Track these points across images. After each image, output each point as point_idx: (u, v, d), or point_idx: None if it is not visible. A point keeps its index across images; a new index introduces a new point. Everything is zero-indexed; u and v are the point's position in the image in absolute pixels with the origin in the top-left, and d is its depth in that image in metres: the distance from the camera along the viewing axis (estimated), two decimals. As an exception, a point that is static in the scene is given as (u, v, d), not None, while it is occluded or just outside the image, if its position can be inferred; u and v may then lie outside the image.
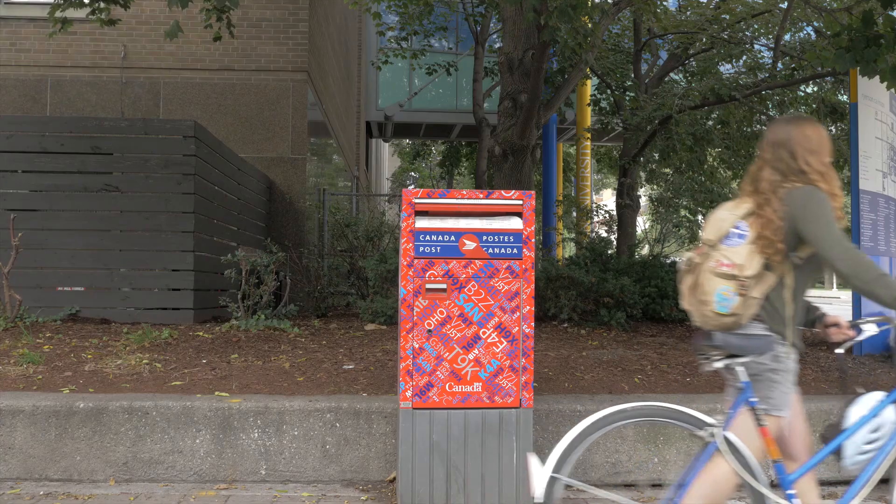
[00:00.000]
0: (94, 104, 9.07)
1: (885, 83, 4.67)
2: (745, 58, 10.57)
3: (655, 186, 12.78)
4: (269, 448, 3.69)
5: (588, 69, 10.00)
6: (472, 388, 3.25)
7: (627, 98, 10.32)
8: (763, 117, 10.91)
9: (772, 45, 9.84)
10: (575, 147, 16.69)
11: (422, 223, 3.30)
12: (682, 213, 10.38)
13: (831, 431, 2.44)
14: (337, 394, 3.99)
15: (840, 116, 10.42)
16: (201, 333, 5.62)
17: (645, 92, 10.10)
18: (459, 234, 3.28)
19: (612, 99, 11.86)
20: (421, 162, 28.51)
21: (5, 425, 3.64)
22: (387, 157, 28.77)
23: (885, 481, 3.95)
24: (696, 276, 2.47)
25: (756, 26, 10.76)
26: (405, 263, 3.27)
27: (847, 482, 3.91)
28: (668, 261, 8.17)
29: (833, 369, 5.04)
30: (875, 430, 2.41)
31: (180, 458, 3.66)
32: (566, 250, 13.95)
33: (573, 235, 9.31)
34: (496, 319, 3.27)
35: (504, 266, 3.28)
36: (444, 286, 3.26)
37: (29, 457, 3.63)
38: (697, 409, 3.82)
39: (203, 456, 3.66)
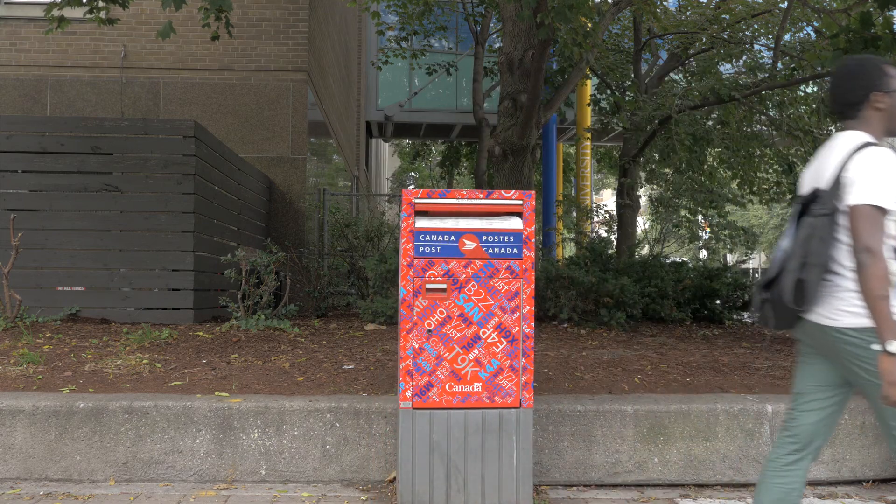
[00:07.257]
0: (94, 104, 9.06)
1: None
2: (745, 58, 10.58)
3: (655, 186, 12.79)
4: (269, 448, 3.69)
5: (588, 69, 10.00)
6: (472, 388, 3.25)
7: (627, 99, 10.33)
8: (763, 117, 10.91)
9: (772, 45, 9.85)
10: (575, 147, 16.69)
11: (422, 223, 3.29)
12: (682, 213, 10.38)
13: None
14: (337, 394, 3.99)
15: (840, 116, 10.40)
16: (201, 333, 5.62)
17: (645, 92, 10.10)
18: (459, 234, 3.28)
19: (612, 99, 11.87)
20: (421, 162, 28.52)
21: (5, 425, 3.64)
22: (387, 157, 28.76)
23: (885, 481, 3.95)
24: None
25: (756, 26, 10.77)
26: (405, 263, 3.27)
27: (847, 482, 3.91)
28: (668, 261, 8.17)
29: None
30: None
31: (180, 458, 3.66)
32: (566, 250, 13.96)
33: (573, 235, 9.32)
34: (496, 319, 3.27)
35: (504, 266, 3.28)
36: (444, 286, 3.26)
37: (29, 457, 3.63)
38: (697, 409, 3.82)
39: (203, 456, 3.66)
